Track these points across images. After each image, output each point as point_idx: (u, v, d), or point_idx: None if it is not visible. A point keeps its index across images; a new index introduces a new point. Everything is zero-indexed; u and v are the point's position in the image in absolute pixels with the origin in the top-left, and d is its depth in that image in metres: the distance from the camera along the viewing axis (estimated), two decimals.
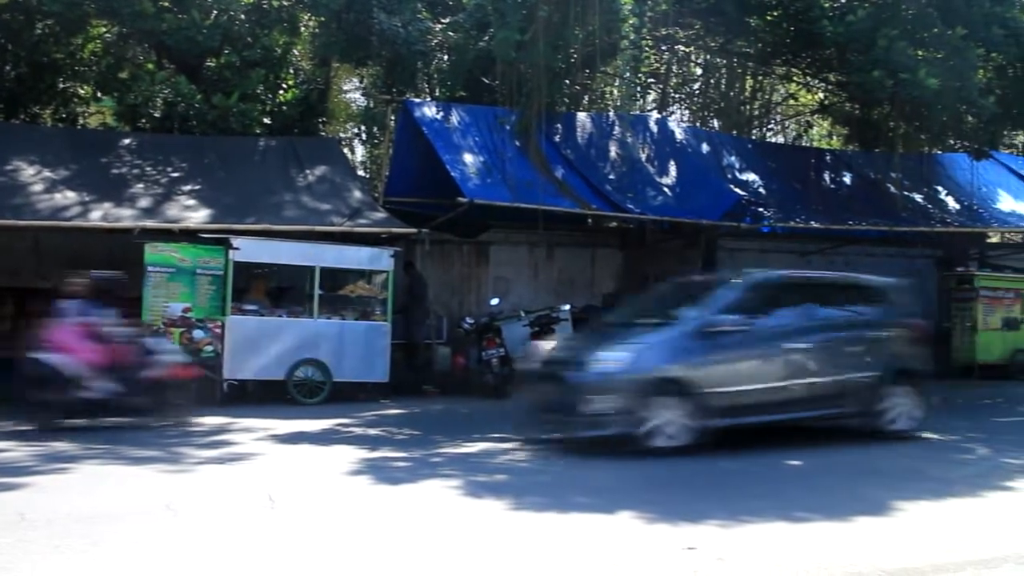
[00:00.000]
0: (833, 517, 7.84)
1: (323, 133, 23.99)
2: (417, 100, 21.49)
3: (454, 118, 19.87)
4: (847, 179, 24.00)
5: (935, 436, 12.97)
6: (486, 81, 21.21)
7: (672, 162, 21.91)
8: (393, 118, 21.61)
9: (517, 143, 19.68)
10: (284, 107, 21.81)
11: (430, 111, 20.19)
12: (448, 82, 22.10)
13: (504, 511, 8.10)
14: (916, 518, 8.00)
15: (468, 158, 18.92)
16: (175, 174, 18.05)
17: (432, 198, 19.04)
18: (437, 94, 22.90)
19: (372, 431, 13.21)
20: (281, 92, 22.06)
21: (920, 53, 17.90)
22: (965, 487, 9.20)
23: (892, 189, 22.85)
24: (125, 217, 16.36)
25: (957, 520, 7.95)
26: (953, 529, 7.61)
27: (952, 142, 22.89)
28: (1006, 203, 24.22)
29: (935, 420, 13.38)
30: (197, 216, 16.73)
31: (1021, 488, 9.43)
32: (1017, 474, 10.11)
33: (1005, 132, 23.99)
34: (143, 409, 12.93)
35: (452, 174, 17.97)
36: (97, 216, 16.29)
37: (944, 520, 7.96)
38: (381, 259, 17.19)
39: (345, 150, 26.34)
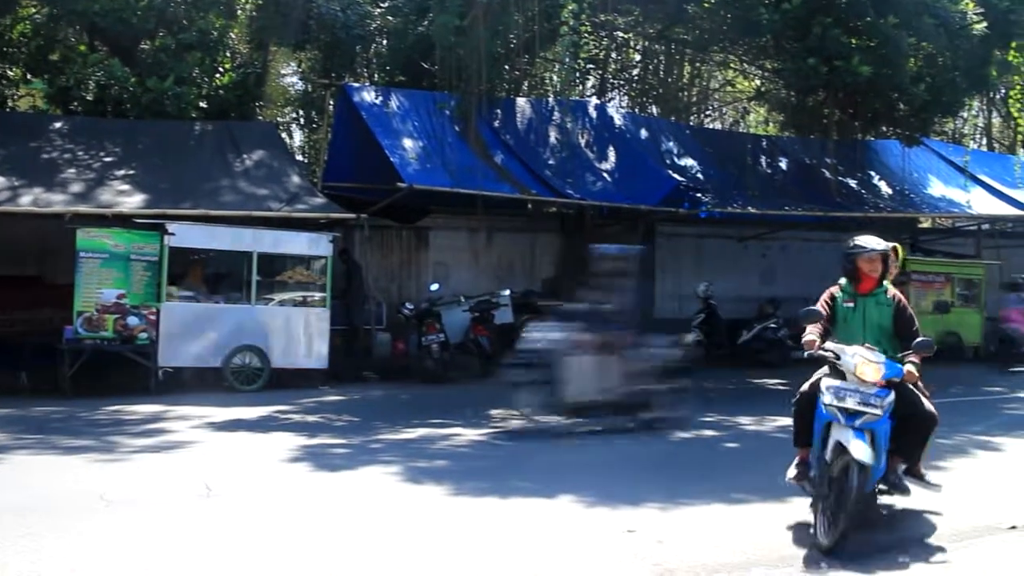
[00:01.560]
0: (771, 499, 7.94)
1: (260, 117, 23.73)
2: (356, 85, 21.38)
3: (393, 103, 19.77)
4: (783, 165, 24.24)
5: None
6: (425, 66, 21.10)
7: (611, 148, 21.99)
8: (332, 103, 21.47)
9: (457, 128, 19.64)
10: (221, 91, 21.51)
11: (369, 96, 20.07)
12: (387, 67, 22.01)
13: (444, 496, 8.11)
14: None
15: (407, 143, 18.84)
16: (108, 158, 17.76)
17: (371, 183, 18.93)
18: (376, 79, 22.79)
19: (311, 418, 13.14)
20: (218, 76, 21.74)
21: (854, 41, 18.11)
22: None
23: (827, 175, 23.12)
24: (56, 202, 16.07)
25: (890, 499, 8.06)
26: (887, 508, 7.72)
27: (885, 129, 23.20)
28: (936, 189, 24.64)
29: None
30: (131, 201, 16.48)
31: (950, 467, 9.56)
32: (946, 453, 10.26)
33: (935, 119, 24.32)
34: None
35: (391, 159, 17.87)
36: (27, 201, 15.97)
37: (878, 500, 8.07)
38: (320, 244, 17.07)
39: (283, 135, 26.07)
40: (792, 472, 7.41)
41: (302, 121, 29.12)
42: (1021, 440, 11.37)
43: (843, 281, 7.59)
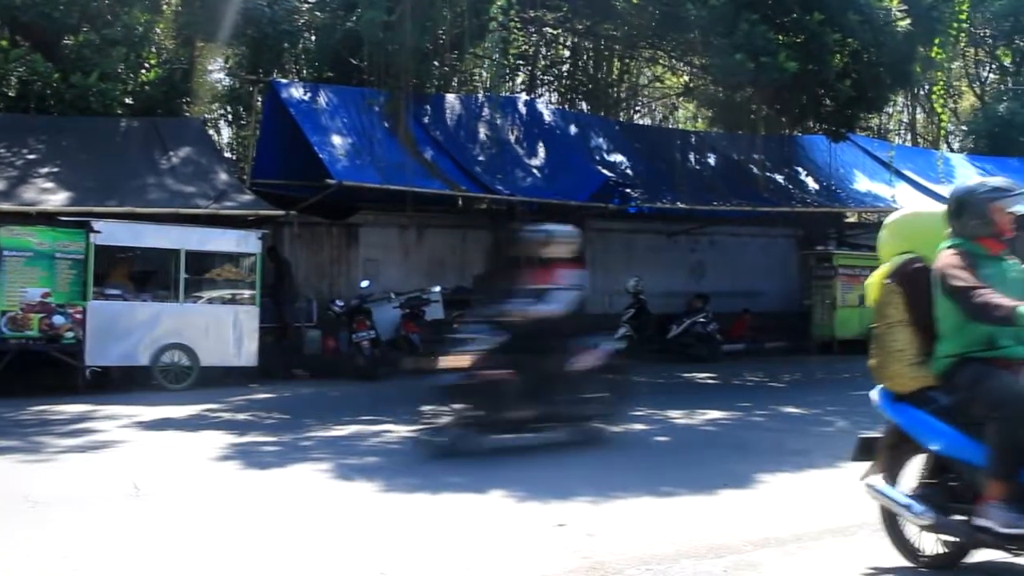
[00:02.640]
0: (700, 491, 8.03)
1: (187, 114, 23.44)
2: (284, 81, 21.23)
3: (322, 99, 19.67)
4: (712, 160, 24.51)
5: (798, 410, 13.43)
6: (354, 62, 21.01)
7: (541, 144, 22.09)
8: (260, 99, 21.28)
9: (386, 125, 19.61)
10: (147, 87, 21.23)
11: (297, 92, 19.95)
12: (315, 63, 21.85)
13: (375, 493, 8.09)
14: (778, 490, 8.24)
15: (336, 140, 18.78)
16: (31, 156, 17.46)
17: (300, 180, 18.82)
18: (304, 75, 22.62)
19: (241, 416, 13.04)
20: (143, 72, 21.45)
21: (780, 37, 18.34)
22: (824, 459, 9.48)
23: (755, 170, 23.43)
24: None
25: (817, 491, 8.20)
26: (813, 499, 7.85)
27: (811, 124, 23.53)
28: (862, 184, 25.07)
29: (797, 395, 13.72)
30: (56, 199, 16.23)
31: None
32: None
33: (861, 115, 24.71)
34: None
35: (320, 156, 17.81)
36: None
37: (805, 491, 8.21)
38: (248, 242, 16.93)
39: (210, 131, 25.82)
40: (999, 517, 5.13)
41: (230, 118, 28.84)
42: None
43: (957, 241, 5.58)
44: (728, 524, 7.00)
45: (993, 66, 36.85)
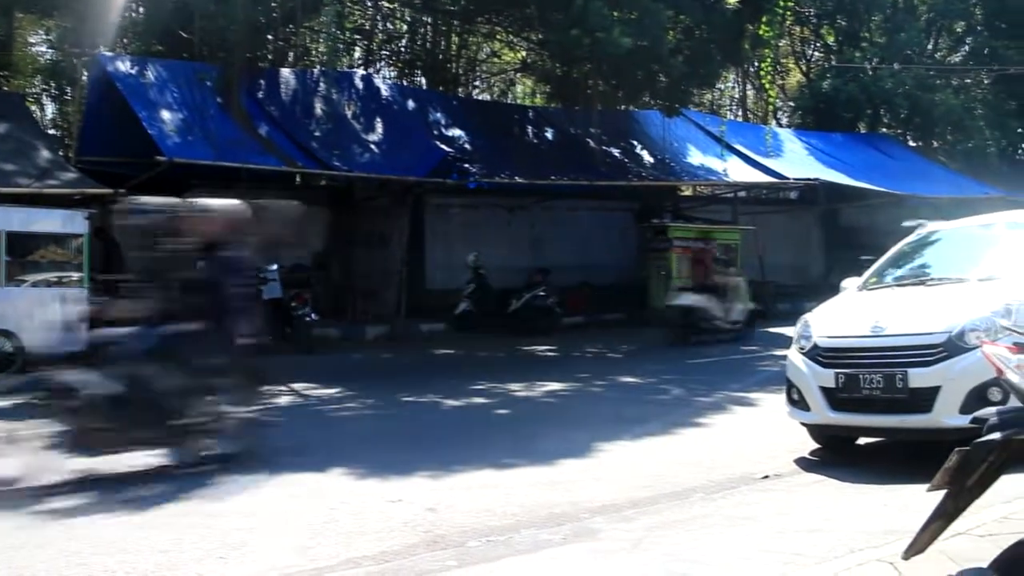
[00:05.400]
0: (539, 462, 8.09)
1: (6, 88, 22.46)
2: (110, 54, 20.50)
3: (151, 73, 19.13)
4: (549, 135, 24.71)
5: (635, 380, 13.69)
6: (185, 35, 20.42)
7: (379, 119, 21.92)
8: (85, 73, 20.53)
9: (219, 100, 19.14)
10: None
11: (124, 66, 19.34)
12: (144, 36, 21.18)
13: (213, 475, 7.89)
14: (616, 458, 8.37)
15: (167, 115, 18.27)
16: None
17: (129, 157, 18.24)
18: (132, 48, 21.90)
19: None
20: None
21: (615, 14, 18.53)
22: (660, 426, 9.69)
23: (592, 145, 23.69)
24: None
25: (653, 457, 8.37)
26: (650, 466, 7.99)
27: (646, 99, 23.91)
28: (696, 157, 25.64)
29: (635, 365, 13.95)
30: None
31: (710, 423, 10.03)
32: (707, 410, 10.75)
33: (693, 90, 25.25)
34: None
35: (150, 132, 17.31)
36: None
37: (641, 458, 8.36)
38: (75, 222, 16.28)
39: (32, 107, 24.78)
40: None
41: (53, 92, 27.77)
42: (775, 395, 11.93)
43: None
44: (567, 493, 7.08)
45: (818, 44, 38.10)
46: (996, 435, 2.84)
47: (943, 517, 3.03)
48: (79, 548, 5.81)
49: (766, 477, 7.51)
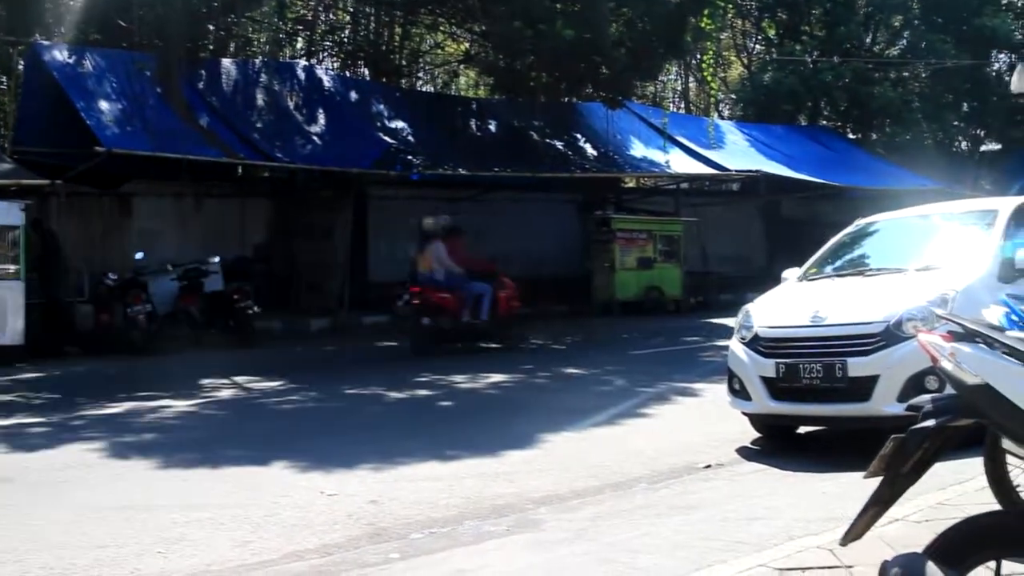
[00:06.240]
0: (483, 453, 8.08)
1: None
2: (47, 43, 20.17)
3: (88, 63, 18.88)
4: (493, 127, 24.71)
5: (579, 371, 13.74)
6: (123, 24, 20.16)
7: (321, 110, 21.80)
8: (21, 62, 20.20)
9: (158, 90, 18.92)
10: None
11: (61, 55, 19.07)
12: (81, 24, 20.87)
13: (151, 470, 7.81)
14: (561, 449, 8.39)
15: (105, 105, 18.05)
16: None
17: (67, 148, 17.97)
18: (69, 37, 21.57)
19: (6, 397, 12.35)
20: None
21: (558, 5, 18.60)
22: (604, 417, 9.73)
23: (535, 136, 23.75)
24: None
25: (597, 448, 8.40)
26: (594, 456, 8.01)
27: (589, 91, 23.99)
28: (638, 150, 25.76)
29: (579, 356, 14.01)
30: None
31: (654, 414, 10.09)
32: (650, 401, 10.80)
33: (636, 83, 25.36)
34: None
35: (87, 122, 17.09)
36: None
37: (585, 449, 8.38)
38: (10, 213, 16.01)
39: None
40: None
41: None
42: (717, 385, 12.03)
43: None
44: (511, 484, 7.08)
45: (759, 37, 38.45)
46: (931, 422, 2.90)
47: (879, 503, 3.06)
48: (13, 545, 5.72)
49: (708, 466, 7.56)
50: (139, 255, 18.61)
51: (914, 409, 3.03)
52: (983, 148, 38.38)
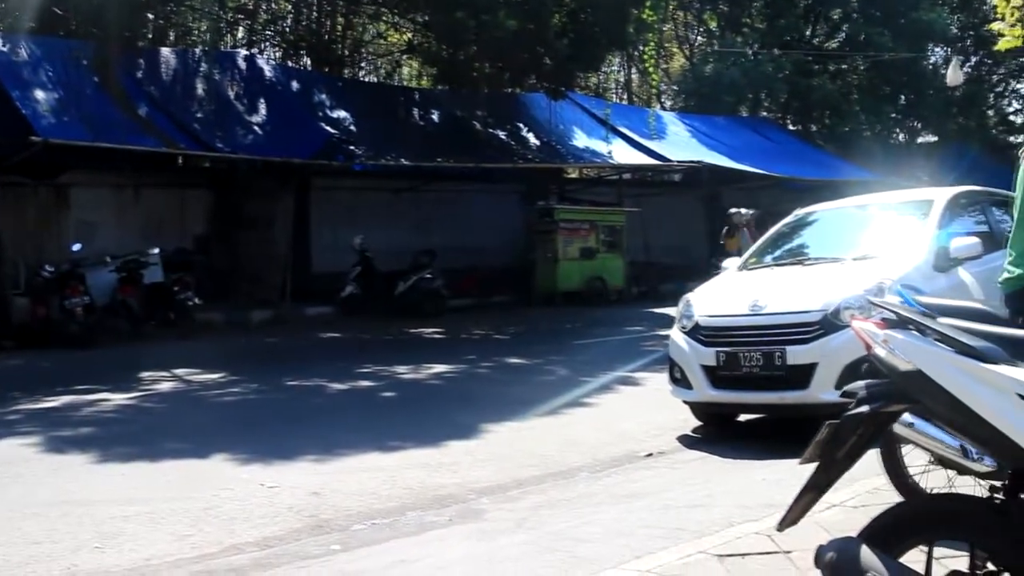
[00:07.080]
0: (426, 444, 8.07)
1: None
2: None
3: (24, 51, 18.55)
4: (436, 118, 24.68)
5: (522, 361, 13.76)
6: (60, 12, 19.85)
7: (262, 100, 21.65)
8: None
9: (96, 79, 18.66)
10: None
11: None
12: (15, 12, 20.52)
13: (89, 464, 7.71)
14: (503, 439, 8.40)
15: (40, 94, 17.79)
16: None
17: (1, 138, 17.63)
18: (4, 25, 21.20)
19: None
20: None
21: None
22: (547, 407, 9.75)
23: (478, 127, 23.76)
24: None
25: (539, 438, 8.42)
26: (536, 446, 8.03)
27: (532, 82, 24.01)
28: (581, 140, 25.85)
29: (521, 346, 14.03)
30: None
31: (595, 403, 10.13)
32: (593, 391, 10.85)
33: (578, 73, 25.42)
34: None
35: (23, 111, 16.82)
36: None
37: (528, 439, 8.40)
38: None
39: None
40: None
41: None
42: (659, 374, 12.11)
43: None
44: (453, 474, 7.08)
45: (701, 29, 38.69)
46: (864, 408, 2.93)
47: (815, 489, 3.09)
48: None
49: (650, 455, 7.61)
50: (76, 246, 18.34)
51: (849, 395, 3.05)
52: (919, 140, 38.99)
